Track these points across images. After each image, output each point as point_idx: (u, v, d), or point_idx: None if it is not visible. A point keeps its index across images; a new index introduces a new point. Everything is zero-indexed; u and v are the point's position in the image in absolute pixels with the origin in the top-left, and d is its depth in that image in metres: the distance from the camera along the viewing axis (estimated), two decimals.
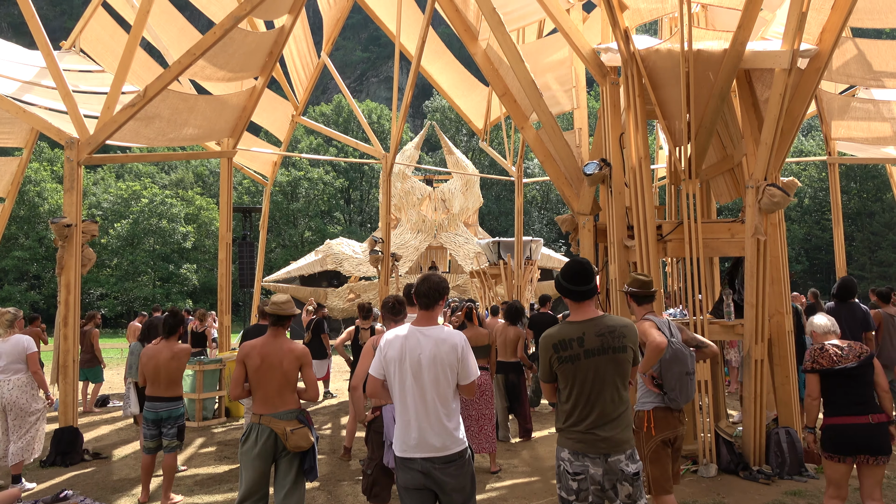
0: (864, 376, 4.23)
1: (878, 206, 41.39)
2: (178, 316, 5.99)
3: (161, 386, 5.78)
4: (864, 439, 4.18)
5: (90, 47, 11.90)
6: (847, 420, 4.22)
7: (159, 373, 5.75)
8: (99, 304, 39.39)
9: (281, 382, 4.33)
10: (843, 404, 4.25)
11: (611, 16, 6.76)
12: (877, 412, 4.20)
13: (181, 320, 6.03)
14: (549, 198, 52.54)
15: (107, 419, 10.26)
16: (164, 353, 5.80)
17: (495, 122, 16.92)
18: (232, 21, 7.91)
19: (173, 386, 5.84)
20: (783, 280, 6.71)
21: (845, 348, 4.31)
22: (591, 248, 7.83)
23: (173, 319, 5.93)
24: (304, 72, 14.72)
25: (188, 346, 6.07)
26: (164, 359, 5.77)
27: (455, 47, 16.07)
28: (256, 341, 4.44)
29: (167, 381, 5.79)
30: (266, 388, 4.32)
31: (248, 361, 4.34)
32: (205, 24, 14.34)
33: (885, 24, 10.33)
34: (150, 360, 5.77)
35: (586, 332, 3.31)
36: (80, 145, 7.94)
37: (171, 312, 6.04)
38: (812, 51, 6.25)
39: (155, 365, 5.75)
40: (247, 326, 8.22)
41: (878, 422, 4.17)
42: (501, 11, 7.86)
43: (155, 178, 50.06)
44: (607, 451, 3.26)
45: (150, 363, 5.76)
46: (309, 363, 4.48)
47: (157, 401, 5.78)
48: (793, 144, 7.99)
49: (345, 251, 24.57)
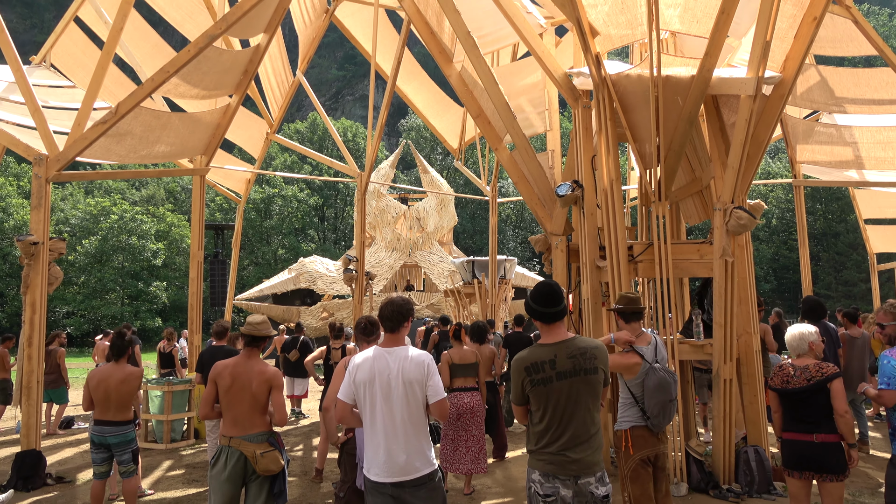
0: (814, 398, 4.27)
1: (842, 226, 42.47)
2: (126, 337, 5.77)
3: (111, 410, 5.57)
4: (809, 457, 4.28)
5: (61, 62, 11.77)
6: (794, 436, 4.35)
7: (109, 396, 5.54)
8: (65, 323, 38.48)
9: (251, 404, 4.28)
10: (791, 421, 4.39)
11: (583, 41, 6.90)
12: (825, 432, 4.24)
13: (130, 341, 5.82)
14: (524, 217, 52.94)
15: (71, 441, 9.99)
16: (114, 375, 5.59)
17: (470, 141, 17.06)
18: (207, 39, 7.90)
19: (123, 410, 5.63)
20: (750, 300, 6.84)
21: (799, 370, 4.36)
22: (564, 267, 7.92)
23: (121, 341, 5.71)
24: (279, 89, 14.71)
25: (140, 369, 5.84)
26: (114, 382, 5.56)
27: (430, 67, 16.21)
28: (229, 361, 4.40)
29: (117, 405, 5.58)
30: (236, 410, 4.27)
31: (219, 381, 4.29)
32: (179, 41, 14.30)
33: (846, 52, 10.72)
34: (99, 384, 5.56)
35: (558, 355, 3.33)
36: (48, 162, 7.81)
37: (117, 333, 5.81)
38: (776, 78, 6.45)
39: (105, 388, 5.54)
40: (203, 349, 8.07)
41: (822, 441, 4.23)
42: (476, 34, 7.98)
43: (125, 194, 49.31)
44: (577, 473, 3.27)
45: (99, 386, 5.55)
46: (279, 386, 4.43)
47: (107, 425, 5.57)
48: (760, 167, 8.20)
49: (318, 269, 24.43)
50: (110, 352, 5.72)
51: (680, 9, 7.15)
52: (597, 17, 7.05)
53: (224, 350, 7.15)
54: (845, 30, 9.96)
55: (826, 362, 4.38)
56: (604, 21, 7.11)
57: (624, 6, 7.06)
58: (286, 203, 48.91)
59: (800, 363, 4.40)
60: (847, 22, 9.66)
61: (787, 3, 6.28)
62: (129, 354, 5.81)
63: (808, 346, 4.44)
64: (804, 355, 4.45)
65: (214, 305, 17.74)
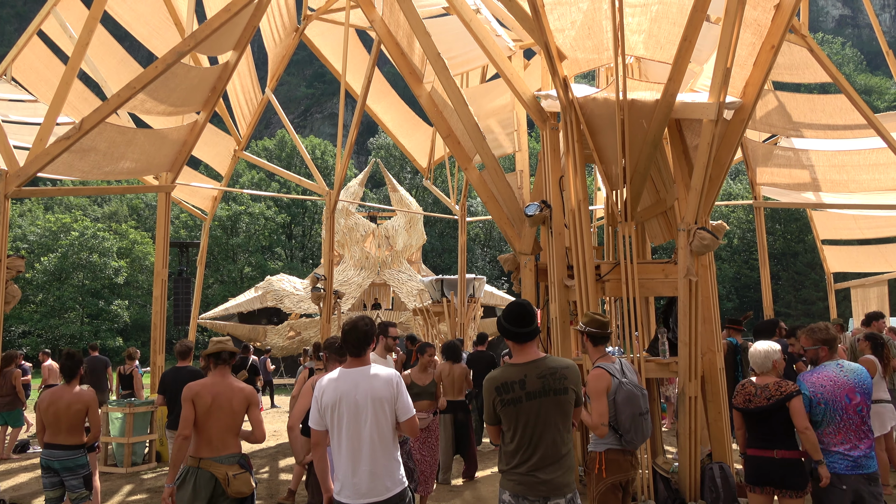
0: (775, 416, 4.34)
1: (800, 246, 43.69)
2: (75, 358, 5.61)
3: (62, 433, 5.40)
4: (769, 473, 4.36)
5: (23, 76, 11.52)
6: (756, 453, 4.45)
7: (60, 419, 5.38)
8: (21, 343, 37.20)
9: (227, 424, 4.27)
10: (753, 438, 4.49)
11: (550, 65, 7.04)
12: (786, 448, 4.32)
13: (79, 362, 5.65)
14: (493, 236, 53.22)
15: (26, 466, 9.64)
16: (65, 397, 5.43)
17: (439, 160, 17.17)
18: (175, 56, 7.84)
19: (75, 433, 5.46)
20: (714, 319, 6.98)
21: (759, 388, 4.43)
22: (533, 286, 7.98)
23: (71, 361, 5.56)
24: (247, 106, 14.62)
25: (92, 391, 5.67)
26: (64, 404, 5.40)
27: (400, 87, 16.31)
28: (206, 381, 4.37)
29: (68, 428, 5.42)
30: (211, 430, 4.23)
31: (198, 401, 4.24)
32: (145, 57, 14.15)
33: (802, 78, 11.12)
34: (49, 406, 5.40)
35: (528, 375, 3.35)
36: (8, 177, 7.62)
37: (67, 354, 5.65)
38: (736, 103, 6.66)
39: (55, 410, 5.38)
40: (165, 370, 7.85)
41: (781, 457, 4.32)
42: (446, 56, 8.08)
43: (87, 210, 48.13)
44: (547, 495, 3.27)
45: (49, 409, 5.39)
46: (256, 403, 4.46)
47: (57, 448, 5.39)
48: (721, 189, 8.42)
49: (286, 288, 24.18)
50: (61, 373, 5.56)
51: (644, 35, 7.36)
52: (564, 42, 7.20)
53: (187, 370, 7.00)
54: (801, 58, 10.33)
55: (786, 380, 4.45)
56: (571, 45, 7.27)
57: (590, 31, 7.24)
58: (253, 221, 48.33)
59: (760, 382, 4.48)
60: (803, 50, 10.02)
61: (746, 32, 6.50)
62: (80, 375, 5.62)
63: (772, 364, 4.51)
64: (767, 373, 4.51)
65: (178, 324, 17.40)
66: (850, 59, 72.73)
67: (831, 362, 4.41)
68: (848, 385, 4.26)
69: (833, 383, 4.28)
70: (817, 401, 4.28)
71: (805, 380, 4.41)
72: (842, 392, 4.24)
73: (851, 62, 71.92)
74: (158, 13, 11.74)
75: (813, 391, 4.31)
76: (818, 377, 4.35)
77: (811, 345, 4.46)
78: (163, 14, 11.70)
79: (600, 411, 4.12)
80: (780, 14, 6.31)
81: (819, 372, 4.39)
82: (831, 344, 4.42)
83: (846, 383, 4.26)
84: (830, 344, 4.41)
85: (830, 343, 4.41)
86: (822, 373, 4.37)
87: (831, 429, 4.27)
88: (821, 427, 4.29)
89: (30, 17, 11.71)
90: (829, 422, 4.28)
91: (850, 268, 16.32)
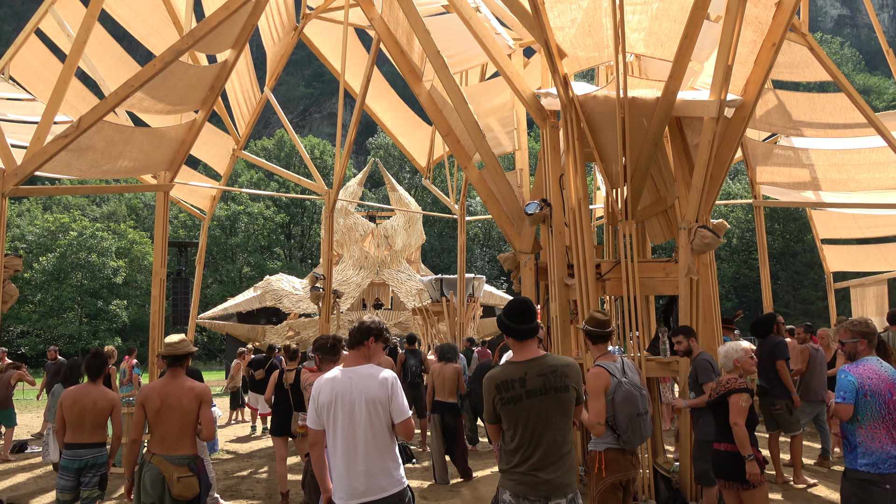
0: (720, 410, 4.74)
1: (799, 246, 43.69)
2: (102, 357, 5.62)
3: (86, 432, 5.38)
4: (719, 465, 4.76)
5: (21, 75, 11.48)
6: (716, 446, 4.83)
7: (84, 417, 5.37)
8: (20, 343, 37.16)
9: (181, 424, 4.38)
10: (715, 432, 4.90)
11: (550, 63, 7.01)
12: (725, 441, 4.68)
13: (105, 361, 5.67)
14: (492, 235, 53.21)
15: (24, 466, 9.60)
16: (91, 395, 5.42)
17: (438, 160, 17.12)
18: (173, 54, 7.80)
19: (99, 431, 5.46)
20: (714, 318, 6.96)
21: (720, 385, 4.82)
22: (533, 286, 7.95)
23: (98, 360, 5.55)
24: (246, 106, 14.58)
25: (116, 392, 5.74)
26: (90, 401, 5.39)
27: (399, 86, 16.27)
28: (156, 383, 4.51)
29: (92, 426, 5.41)
30: (164, 429, 4.37)
31: (147, 404, 4.37)
32: (143, 56, 14.11)
33: (802, 77, 11.09)
34: (74, 404, 5.36)
35: (528, 373, 3.32)
36: (5, 176, 7.58)
37: (94, 353, 5.65)
38: (737, 101, 6.63)
39: (81, 408, 5.36)
40: None
41: (723, 449, 4.69)
42: (445, 54, 8.05)
43: (85, 210, 48.06)
44: (548, 495, 3.23)
45: (74, 407, 5.36)
46: (208, 401, 4.54)
47: (81, 448, 5.37)
48: (721, 188, 8.38)
49: (284, 287, 24.13)
50: (87, 371, 5.58)
51: (644, 33, 7.33)
52: (564, 40, 7.18)
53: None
54: (801, 56, 10.30)
55: (739, 379, 4.77)
56: (571, 43, 7.25)
57: (591, 29, 7.21)
58: (252, 220, 48.29)
59: (723, 379, 4.85)
60: (803, 49, 10.00)
61: (747, 30, 6.48)
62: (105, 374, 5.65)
63: (733, 363, 4.89)
64: (730, 371, 4.89)
65: (177, 324, 17.37)
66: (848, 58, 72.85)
67: (871, 357, 4.29)
68: (890, 380, 4.13)
69: (878, 377, 4.13)
70: (864, 392, 4.11)
71: (851, 371, 4.29)
72: (885, 386, 4.09)
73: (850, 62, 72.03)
74: (156, 11, 11.70)
75: (860, 381, 4.15)
76: (864, 369, 4.21)
77: (850, 338, 4.37)
78: (161, 12, 11.66)
79: (597, 410, 4.09)
80: (781, 11, 6.29)
81: (863, 364, 4.26)
82: (870, 338, 4.31)
83: (888, 378, 4.12)
84: (870, 338, 4.31)
85: (870, 337, 4.31)
86: (865, 365, 4.23)
87: (876, 424, 4.09)
88: (864, 422, 4.11)
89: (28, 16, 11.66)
90: (873, 416, 4.09)
91: (849, 267, 16.30)
